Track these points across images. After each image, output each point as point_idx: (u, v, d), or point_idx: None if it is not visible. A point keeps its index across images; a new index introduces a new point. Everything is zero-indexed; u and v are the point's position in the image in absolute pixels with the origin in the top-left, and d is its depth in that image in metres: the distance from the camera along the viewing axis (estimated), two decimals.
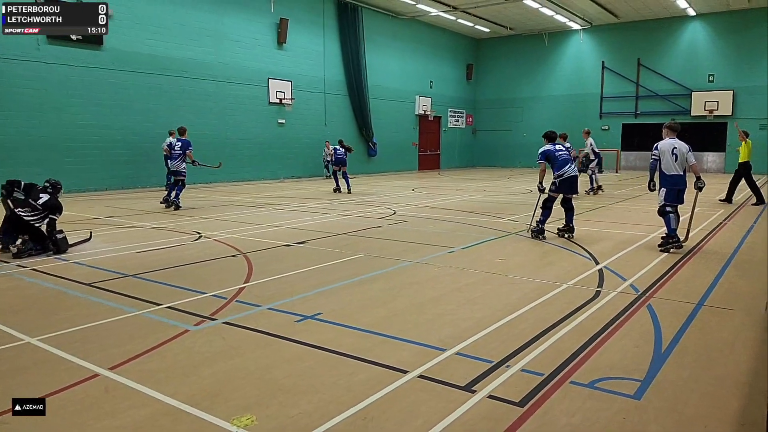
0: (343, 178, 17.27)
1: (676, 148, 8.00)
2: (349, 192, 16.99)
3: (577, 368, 3.83)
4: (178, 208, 12.77)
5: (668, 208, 7.96)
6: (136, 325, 4.79)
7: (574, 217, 9.25)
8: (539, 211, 9.02)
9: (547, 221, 9.00)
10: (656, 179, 8.06)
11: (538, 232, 8.99)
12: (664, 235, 8.08)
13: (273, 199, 15.15)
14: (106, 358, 4.00)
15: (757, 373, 3.79)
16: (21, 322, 4.86)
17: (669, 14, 27.98)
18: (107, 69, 17.08)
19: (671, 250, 7.81)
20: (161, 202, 13.38)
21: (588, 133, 17.62)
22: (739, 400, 3.42)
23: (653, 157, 8.07)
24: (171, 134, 15.25)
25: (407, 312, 5.14)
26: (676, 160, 7.93)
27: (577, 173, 9.18)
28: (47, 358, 4.05)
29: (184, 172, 13.23)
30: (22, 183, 7.99)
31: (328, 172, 19.63)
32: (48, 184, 8.19)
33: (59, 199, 8.16)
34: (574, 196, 9.26)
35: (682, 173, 8.01)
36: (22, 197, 7.83)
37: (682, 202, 8.05)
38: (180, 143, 13.29)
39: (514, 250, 8.28)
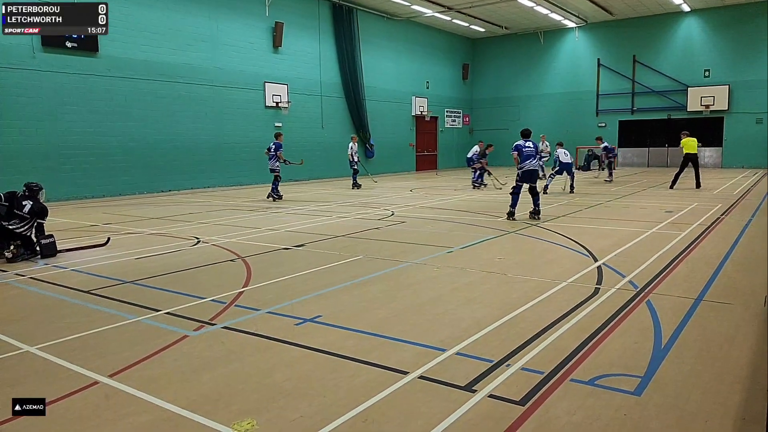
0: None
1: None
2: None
3: (577, 366, 3.83)
4: (278, 198, 15.59)
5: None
6: (135, 331, 4.78)
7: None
8: (511, 198, 10.90)
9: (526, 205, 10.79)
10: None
11: (509, 215, 10.89)
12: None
13: (271, 203, 15.14)
14: (105, 365, 4.00)
15: (757, 368, 3.79)
16: (20, 330, 4.85)
17: (664, 10, 28.03)
18: (103, 76, 17.06)
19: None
20: (267, 197, 15.88)
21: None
22: (739, 394, 3.42)
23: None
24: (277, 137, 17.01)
25: (407, 313, 5.14)
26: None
27: (535, 167, 11.05)
28: (47, 367, 4.04)
29: (278, 169, 15.82)
30: (2, 195, 7.97)
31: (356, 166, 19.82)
32: (25, 189, 8.17)
33: (42, 201, 8.20)
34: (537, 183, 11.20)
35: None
36: (6, 209, 7.82)
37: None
38: (274, 146, 15.95)
39: (513, 248, 8.28)
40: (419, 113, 30.33)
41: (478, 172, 19.16)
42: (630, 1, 26.71)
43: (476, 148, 19.38)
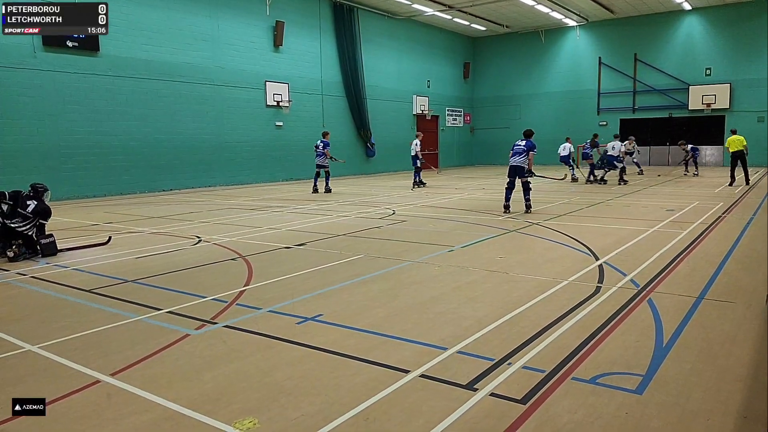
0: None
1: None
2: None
3: (578, 364, 3.83)
4: (328, 192, 17.19)
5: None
6: (136, 330, 4.78)
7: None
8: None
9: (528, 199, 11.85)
10: None
11: (505, 208, 11.81)
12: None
13: (272, 202, 15.14)
14: (107, 365, 4.00)
15: (758, 366, 3.79)
16: (21, 329, 4.86)
17: (665, 9, 27.99)
18: (104, 75, 17.08)
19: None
20: (312, 192, 17.39)
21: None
22: (741, 393, 3.41)
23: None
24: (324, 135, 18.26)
25: (408, 312, 5.14)
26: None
27: (517, 163, 11.91)
28: (48, 366, 4.05)
29: (327, 165, 17.23)
30: (7, 194, 8.01)
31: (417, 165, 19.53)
32: (31, 189, 8.23)
33: (46, 202, 8.26)
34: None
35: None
36: (10, 208, 7.87)
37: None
38: (322, 144, 17.24)
39: (514, 247, 8.28)
40: (420, 112, 30.31)
41: (589, 167, 19.80)
42: (631, 0, 26.68)
43: (569, 145, 19.78)
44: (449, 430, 3.02)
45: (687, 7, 27.48)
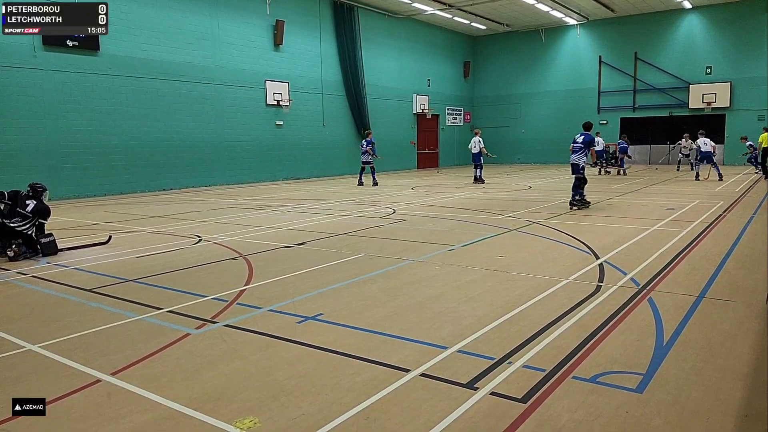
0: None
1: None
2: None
3: (579, 363, 3.83)
4: (375, 185, 19.06)
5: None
6: (137, 329, 4.79)
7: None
8: None
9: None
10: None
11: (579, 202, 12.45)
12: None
13: (272, 201, 15.15)
14: (108, 364, 4.00)
15: (759, 365, 3.79)
16: (22, 329, 4.86)
17: (665, 7, 27.97)
18: (104, 74, 17.08)
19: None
20: (358, 185, 19.28)
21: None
22: (741, 391, 3.41)
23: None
24: (368, 135, 20.41)
25: (408, 311, 5.14)
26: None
27: (572, 161, 12.38)
28: (49, 365, 4.05)
29: (371, 161, 19.46)
30: (6, 193, 7.99)
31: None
32: (29, 188, 8.21)
33: (45, 202, 8.25)
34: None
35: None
36: (9, 208, 7.87)
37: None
38: (365, 143, 19.52)
39: (515, 246, 8.28)
40: (420, 111, 30.30)
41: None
42: None
43: (600, 140, 21.26)
44: (449, 429, 3.03)
45: (687, 5, 27.46)
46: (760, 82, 26.13)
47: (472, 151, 19.99)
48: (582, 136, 12.40)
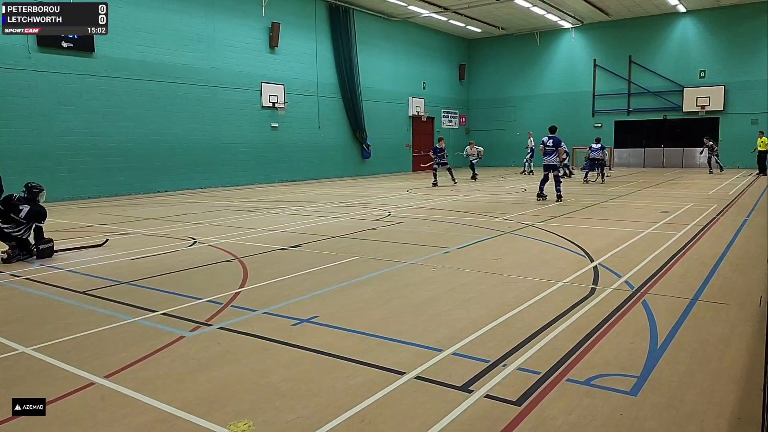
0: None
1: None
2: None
3: (573, 366, 3.84)
4: (455, 183, 20.39)
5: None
6: (131, 332, 4.77)
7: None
8: None
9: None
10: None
11: (538, 196, 14.03)
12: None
13: (268, 203, 15.13)
14: (101, 366, 3.98)
15: (752, 368, 3.81)
16: (15, 331, 4.84)
17: (659, 11, 28.12)
18: (99, 76, 17.04)
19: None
20: (433, 185, 19.97)
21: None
22: (735, 394, 3.43)
23: None
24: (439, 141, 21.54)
25: (403, 313, 5.14)
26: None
27: (549, 162, 14.04)
28: (43, 368, 4.03)
29: (447, 162, 20.76)
30: None
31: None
32: (25, 189, 8.02)
33: (41, 203, 8.07)
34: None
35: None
36: (1, 212, 7.76)
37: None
38: (437, 148, 20.79)
39: (510, 249, 8.29)
40: (416, 114, 30.34)
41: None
42: (626, 2, 26.79)
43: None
44: None
45: (681, 9, 27.61)
46: (754, 86, 26.29)
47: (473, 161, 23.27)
48: (551, 140, 13.83)
